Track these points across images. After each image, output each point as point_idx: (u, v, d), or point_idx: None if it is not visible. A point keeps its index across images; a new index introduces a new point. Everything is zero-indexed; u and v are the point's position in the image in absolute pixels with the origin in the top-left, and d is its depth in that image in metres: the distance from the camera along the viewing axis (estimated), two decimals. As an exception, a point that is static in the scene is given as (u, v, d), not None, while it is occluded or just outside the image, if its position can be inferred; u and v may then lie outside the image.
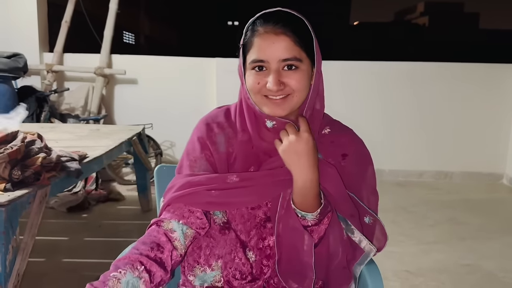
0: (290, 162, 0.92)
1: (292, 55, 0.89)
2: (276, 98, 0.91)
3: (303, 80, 0.91)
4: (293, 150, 0.90)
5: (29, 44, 4.39)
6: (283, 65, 0.90)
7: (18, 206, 1.47)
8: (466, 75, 4.66)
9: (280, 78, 0.90)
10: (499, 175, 4.66)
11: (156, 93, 4.60)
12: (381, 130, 4.65)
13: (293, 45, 0.89)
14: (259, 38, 0.90)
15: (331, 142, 1.01)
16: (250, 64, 0.92)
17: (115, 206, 3.51)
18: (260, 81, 0.91)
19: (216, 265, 1.00)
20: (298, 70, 0.91)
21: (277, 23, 0.90)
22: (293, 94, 0.91)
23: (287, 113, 0.93)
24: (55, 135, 2.62)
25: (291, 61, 0.90)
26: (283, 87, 0.90)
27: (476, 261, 2.62)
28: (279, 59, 0.89)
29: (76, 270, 2.38)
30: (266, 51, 0.89)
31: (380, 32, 34.09)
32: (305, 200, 0.93)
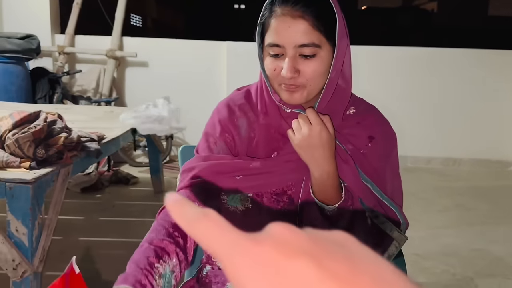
0: (304, 156, 0.89)
1: (310, 41, 0.84)
2: (290, 86, 0.88)
3: (320, 68, 0.86)
4: (306, 144, 0.87)
5: (41, 25, 4.40)
6: (300, 51, 0.85)
7: (43, 184, 1.51)
8: (476, 61, 4.64)
9: (295, 65, 0.85)
10: (507, 162, 4.67)
11: (167, 76, 4.61)
12: (389, 115, 4.60)
13: (312, 30, 0.83)
14: (276, 20, 0.85)
15: (357, 123, 0.98)
16: (267, 48, 0.88)
17: (128, 187, 3.56)
18: (276, 68, 0.88)
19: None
20: (316, 58, 0.86)
21: (296, 3, 0.83)
22: (307, 84, 0.87)
23: (303, 101, 0.90)
24: (70, 117, 2.62)
25: (309, 47, 0.84)
26: (298, 75, 0.86)
27: (485, 246, 2.66)
28: (295, 45, 0.84)
29: (92, 248, 2.43)
30: (282, 35, 0.84)
31: (388, 17, 33.68)
32: (324, 192, 0.91)
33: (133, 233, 2.54)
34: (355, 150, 0.96)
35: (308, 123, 0.87)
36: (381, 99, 5.30)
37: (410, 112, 4.69)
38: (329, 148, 0.88)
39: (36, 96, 3.86)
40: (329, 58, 0.88)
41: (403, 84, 4.65)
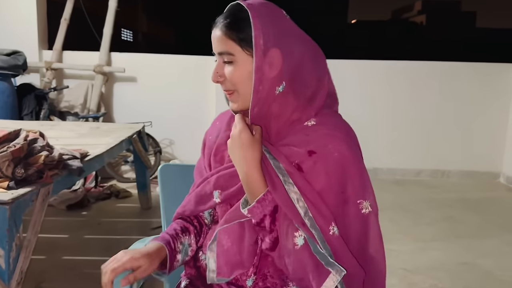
0: (231, 156, 0.94)
1: (223, 49, 0.91)
2: (227, 93, 0.96)
3: (239, 72, 0.91)
4: (230, 145, 0.93)
5: (29, 41, 4.39)
6: (222, 58, 0.93)
7: (22, 204, 1.49)
8: (463, 74, 4.69)
9: (219, 71, 0.94)
10: (496, 173, 4.70)
11: (155, 91, 4.60)
12: (379, 129, 4.68)
13: (225, 39, 0.90)
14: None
15: (305, 135, 0.93)
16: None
17: (114, 203, 3.52)
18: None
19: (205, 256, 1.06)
20: (233, 64, 0.91)
21: (222, 16, 0.93)
22: (237, 89, 0.93)
23: (240, 108, 0.95)
24: (55, 133, 2.62)
25: (224, 55, 0.92)
26: (223, 79, 0.94)
27: (473, 259, 2.65)
28: (216, 51, 0.94)
29: (75, 268, 2.39)
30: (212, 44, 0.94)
31: (378, 30, 34.09)
32: (250, 197, 0.92)
33: (118, 251, 2.49)
34: (289, 162, 0.91)
35: (235, 126, 0.93)
36: (370, 112, 5.38)
37: (399, 125, 4.72)
38: (248, 149, 0.90)
39: (22, 112, 3.83)
40: (251, 66, 0.90)
41: (392, 97, 4.68)
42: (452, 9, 39.82)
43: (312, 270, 0.86)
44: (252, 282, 0.98)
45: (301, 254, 0.87)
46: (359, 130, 1.03)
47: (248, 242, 0.96)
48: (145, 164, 3.27)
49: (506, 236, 3.06)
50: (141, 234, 2.83)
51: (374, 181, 0.96)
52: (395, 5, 57.18)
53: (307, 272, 0.87)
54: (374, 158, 4.62)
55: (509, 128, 4.63)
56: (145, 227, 3.06)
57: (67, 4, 4.53)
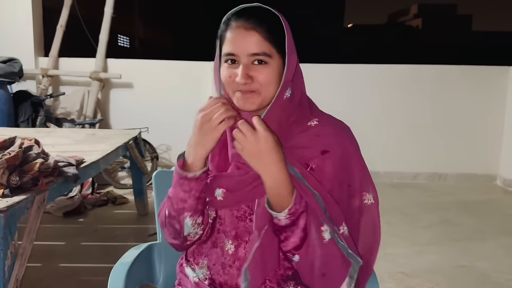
0: (253, 163, 0.89)
1: (261, 50, 0.91)
2: (245, 92, 0.93)
3: (271, 75, 0.92)
4: (254, 151, 0.88)
5: (24, 48, 4.39)
6: (252, 60, 0.91)
7: (17, 212, 1.48)
8: (459, 77, 4.71)
9: (248, 72, 0.91)
10: (492, 176, 4.71)
11: (152, 97, 4.61)
12: (375, 132, 4.69)
13: (263, 41, 0.90)
14: (231, 32, 0.92)
15: (316, 136, 0.97)
16: (223, 57, 0.94)
17: (111, 210, 3.52)
18: (231, 75, 0.93)
19: (203, 263, 1.03)
20: (267, 65, 0.92)
21: (249, 18, 0.91)
22: (260, 89, 0.92)
23: (256, 107, 0.94)
24: (51, 140, 2.62)
25: (260, 56, 0.91)
26: (251, 81, 0.91)
27: (470, 262, 2.65)
28: (248, 53, 0.91)
29: (73, 275, 2.38)
30: (236, 45, 0.91)
31: (374, 34, 34.26)
32: (279, 200, 0.90)
33: (115, 258, 2.48)
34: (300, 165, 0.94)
35: (252, 130, 0.88)
36: (367, 116, 5.39)
37: (396, 128, 4.73)
38: (276, 153, 0.88)
39: (18, 119, 3.83)
40: (280, 70, 0.94)
41: (388, 101, 4.70)
42: (448, 13, 40.09)
43: (341, 262, 0.91)
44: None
45: (330, 247, 0.91)
46: (356, 133, 1.06)
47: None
48: (142, 170, 3.27)
49: (502, 239, 3.06)
50: (138, 240, 2.82)
51: None
52: (391, 9, 57.42)
53: (335, 265, 0.92)
54: (371, 161, 4.59)
55: (506, 130, 4.65)
56: (142, 233, 3.05)
57: (63, 11, 4.54)
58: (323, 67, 4.72)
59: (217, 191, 0.97)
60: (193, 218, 0.97)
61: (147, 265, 1.27)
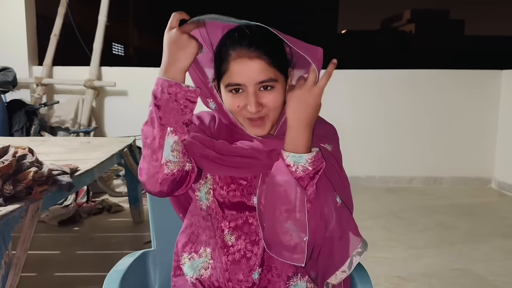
0: (292, 107, 0.91)
1: (268, 77, 0.92)
2: (255, 119, 0.95)
3: (279, 98, 0.94)
4: (301, 99, 0.90)
5: (18, 57, 4.38)
6: (259, 87, 0.92)
7: (11, 221, 1.47)
8: (453, 81, 4.75)
9: (258, 100, 0.92)
10: (487, 179, 4.73)
11: (147, 105, 4.55)
12: (370, 137, 4.71)
13: (268, 67, 0.91)
14: (234, 63, 0.91)
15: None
16: (227, 87, 0.94)
17: (107, 218, 3.50)
18: (239, 104, 0.94)
19: (204, 251, 1.03)
20: (274, 90, 0.93)
21: (250, 46, 0.90)
22: (269, 114, 0.95)
23: (267, 132, 0.97)
24: (46, 149, 2.61)
25: (267, 83, 0.92)
26: (261, 108, 0.93)
27: (466, 265, 2.66)
28: (255, 82, 0.91)
29: (68, 284, 2.37)
30: (242, 75, 0.91)
31: (368, 40, 34.45)
32: (298, 145, 0.91)
33: (111, 267, 2.47)
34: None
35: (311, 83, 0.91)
36: (362, 121, 5.40)
37: (390, 132, 4.75)
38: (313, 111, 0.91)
39: (12, 128, 3.81)
40: (284, 86, 0.97)
41: (383, 105, 4.72)
42: (440, 18, 40.39)
43: (354, 224, 0.95)
44: (258, 275, 0.99)
45: (343, 210, 0.94)
46: (350, 138, 1.10)
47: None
48: (137, 178, 3.25)
49: (498, 241, 3.07)
50: (134, 248, 2.79)
51: (366, 189, 1.08)
52: (384, 15, 57.87)
53: (352, 227, 0.95)
54: (366, 166, 4.64)
55: (499, 133, 4.68)
56: (137, 241, 3.04)
57: (56, 20, 4.54)
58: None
59: (209, 151, 0.95)
60: (174, 137, 0.91)
61: (141, 273, 1.26)
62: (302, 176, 0.89)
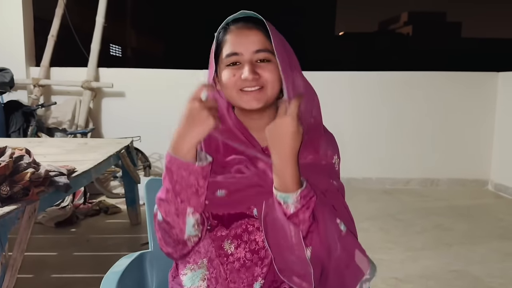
0: (270, 141, 0.89)
1: (265, 47, 0.93)
2: (252, 90, 0.93)
3: (275, 72, 0.94)
4: (276, 131, 0.88)
5: (16, 58, 4.37)
6: (256, 58, 0.93)
7: (7, 222, 1.47)
8: (450, 83, 4.76)
9: (254, 69, 0.93)
10: (484, 181, 4.75)
11: (144, 106, 4.60)
12: (367, 139, 4.72)
13: (265, 39, 0.94)
14: (232, 34, 0.94)
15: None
16: (225, 60, 0.94)
17: (104, 219, 3.49)
18: (235, 73, 0.93)
19: (202, 262, 1.01)
20: (271, 63, 0.94)
21: (247, 21, 0.95)
22: (267, 86, 0.94)
23: (262, 105, 0.95)
24: (43, 150, 2.61)
25: (265, 52, 0.93)
26: (258, 77, 0.93)
27: (463, 267, 2.66)
28: (253, 50, 0.93)
29: (65, 286, 2.36)
30: (240, 44, 0.93)
31: (365, 42, 34.54)
32: (284, 182, 0.88)
33: (108, 268, 2.46)
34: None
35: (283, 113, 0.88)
36: (359, 123, 5.40)
37: (388, 134, 4.76)
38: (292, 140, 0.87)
39: (9, 129, 3.80)
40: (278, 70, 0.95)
41: (379, 107, 4.73)
42: (438, 20, 40.56)
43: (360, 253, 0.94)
44: (260, 286, 0.97)
45: (348, 238, 0.93)
46: (348, 140, 1.09)
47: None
48: (134, 179, 3.25)
49: (495, 243, 3.08)
50: (131, 250, 2.78)
51: (363, 190, 1.06)
52: (382, 17, 58.00)
53: (353, 258, 0.94)
54: (363, 167, 4.65)
55: (496, 135, 4.70)
56: (135, 242, 3.03)
57: (54, 21, 4.53)
58: (314, 75, 4.73)
59: (218, 192, 0.94)
60: (195, 216, 0.92)
61: (138, 274, 1.26)
62: (294, 212, 0.89)
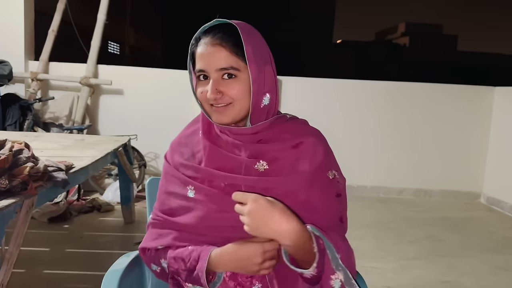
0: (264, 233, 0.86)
1: (228, 65, 0.92)
2: (218, 106, 0.94)
3: (241, 88, 0.93)
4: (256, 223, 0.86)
5: (15, 51, 4.35)
6: (221, 74, 0.93)
7: (5, 216, 1.46)
8: (445, 95, 4.80)
9: (218, 87, 0.93)
10: (476, 194, 4.79)
11: (141, 104, 4.59)
12: (362, 148, 4.74)
13: (229, 55, 0.92)
14: (200, 49, 0.95)
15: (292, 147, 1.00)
16: (196, 73, 0.97)
17: (97, 217, 3.48)
18: (203, 90, 0.95)
19: None
20: (237, 79, 0.93)
21: (215, 34, 0.93)
22: (234, 103, 0.94)
23: (231, 120, 0.95)
24: (39, 144, 2.59)
25: (228, 70, 0.92)
26: (222, 96, 0.93)
27: (455, 278, 2.68)
28: (216, 69, 0.93)
29: (56, 282, 2.34)
30: (205, 62, 0.94)
31: (362, 51, 34.73)
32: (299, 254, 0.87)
33: (100, 266, 2.45)
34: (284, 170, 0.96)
35: (242, 206, 0.87)
36: (354, 131, 5.42)
37: (383, 144, 4.78)
38: (274, 211, 0.86)
39: (6, 122, 3.78)
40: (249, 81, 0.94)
41: (376, 117, 4.76)
42: (434, 32, 40.89)
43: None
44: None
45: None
46: (343, 148, 1.07)
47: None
48: (130, 178, 3.24)
49: (486, 255, 3.11)
50: (124, 248, 2.79)
51: (358, 198, 1.05)
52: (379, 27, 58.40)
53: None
54: (358, 176, 4.67)
55: (490, 149, 4.74)
56: (128, 241, 3.02)
57: (55, 16, 4.52)
58: (311, 81, 4.78)
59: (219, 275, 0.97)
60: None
61: (137, 273, 1.25)
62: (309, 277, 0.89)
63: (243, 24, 0.95)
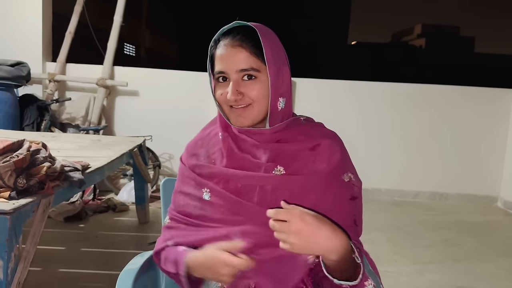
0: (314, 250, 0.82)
1: (249, 66, 0.93)
2: (238, 107, 0.95)
3: (261, 89, 0.94)
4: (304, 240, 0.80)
5: (33, 53, 4.43)
6: (242, 75, 0.94)
7: (22, 214, 1.48)
8: (462, 98, 4.74)
9: (238, 88, 0.93)
10: (493, 198, 4.71)
11: (156, 106, 4.63)
12: (377, 150, 4.71)
13: (250, 56, 0.93)
14: (219, 51, 0.95)
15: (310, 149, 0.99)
16: (215, 75, 0.97)
17: (112, 217, 3.51)
18: (223, 92, 0.96)
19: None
20: (257, 80, 0.94)
21: (235, 35, 0.94)
22: (253, 104, 0.94)
23: (250, 123, 0.96)
24: (56, 145, 2.63)
25: (248, 71, 0.93)
26: (242, 97, 0.94)
27: (470, 283, 2.64)
28: (236, 70, 0.93)
29: (72, 281, 2.37)
30: (225, 63, 0.94)
31: (377, 52, 34.46)
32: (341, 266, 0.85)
33: (114, 266, 2.47)
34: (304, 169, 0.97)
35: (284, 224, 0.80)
36: (369, 133, 5.38)
37: (398, 146, 4.74)
38: (327, 226, 0.82)
39: (23, 123, 3.84)
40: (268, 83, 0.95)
41: (391, 119, 4.72)
42: (451, 34, 40.38)
43: None
44: None
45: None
46: (358, 150, 1.08)
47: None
48: (145, 178, 3.27)
49: (502, 261, 3.05)
50: (138, 248, 2.82)
51: (372, 201, 1.05)
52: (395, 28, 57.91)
53: None
54: (373, 178, 4.63)
55: (508, 153, 4.66)
56: (142, 241, 3.05)
57: (72, 18, 4.59)
58: (326, 83, 4.76)
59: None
60: None
61: (151, 273, 1.26)
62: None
63: (261, 26, 0.96)
